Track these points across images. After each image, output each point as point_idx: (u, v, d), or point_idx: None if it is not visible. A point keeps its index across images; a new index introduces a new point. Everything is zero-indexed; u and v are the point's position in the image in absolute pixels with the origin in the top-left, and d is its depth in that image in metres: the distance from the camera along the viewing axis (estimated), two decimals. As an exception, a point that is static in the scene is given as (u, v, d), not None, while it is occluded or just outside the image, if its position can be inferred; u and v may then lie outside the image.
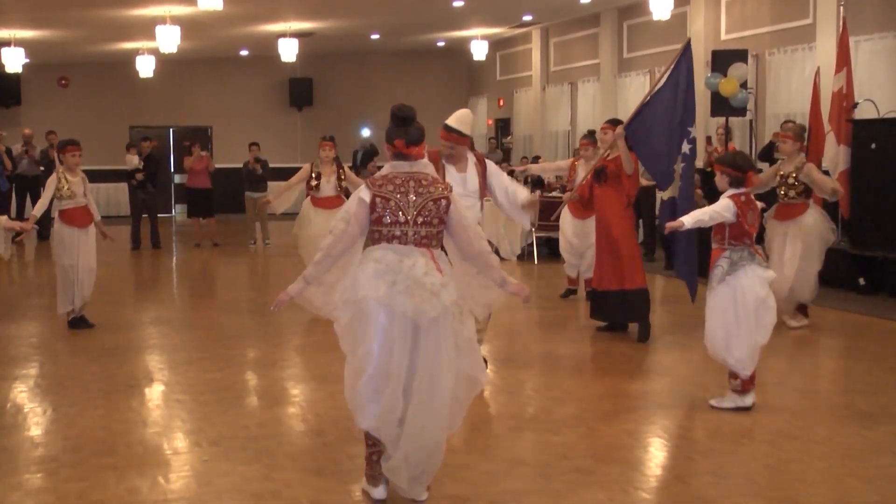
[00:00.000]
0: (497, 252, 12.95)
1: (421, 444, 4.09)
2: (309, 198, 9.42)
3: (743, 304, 5.66)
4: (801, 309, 8.46)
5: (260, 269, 13.97)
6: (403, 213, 4.10)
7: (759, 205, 6.00)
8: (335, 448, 5.08)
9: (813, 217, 8.29)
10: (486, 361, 5.03)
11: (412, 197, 4.13)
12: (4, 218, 6.51)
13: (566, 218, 9.68)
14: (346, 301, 4.20)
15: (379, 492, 4.31)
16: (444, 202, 4.17)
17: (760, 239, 7.11)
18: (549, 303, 9.76)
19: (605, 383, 6.61)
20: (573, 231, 9.65)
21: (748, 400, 5.73)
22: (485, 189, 6.21)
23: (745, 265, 5.68)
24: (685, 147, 7.70)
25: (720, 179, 5.84)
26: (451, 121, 5.82)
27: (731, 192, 5.74)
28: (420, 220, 4.12)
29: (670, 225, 5.98)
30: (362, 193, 4.17)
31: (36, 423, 5.62)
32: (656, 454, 5.11)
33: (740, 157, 5.89)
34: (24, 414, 5.81)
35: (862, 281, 10.00)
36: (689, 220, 5.82)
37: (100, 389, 6.34)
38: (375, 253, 4.15)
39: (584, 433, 5.46)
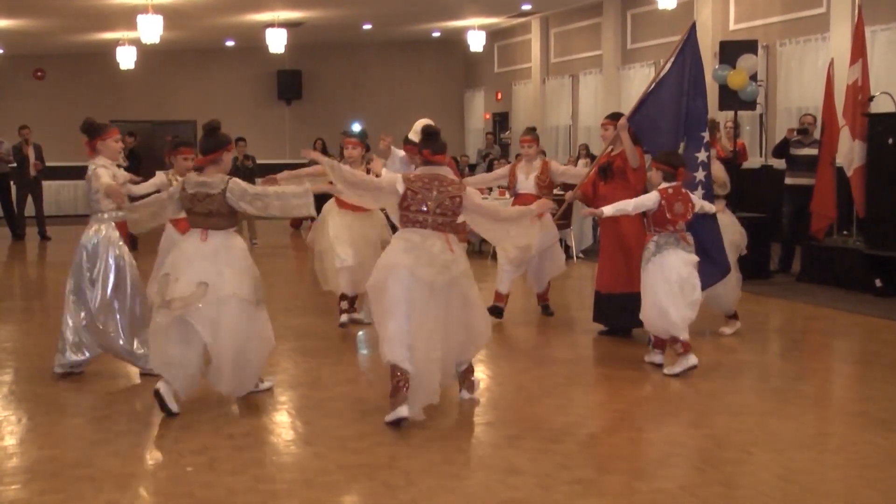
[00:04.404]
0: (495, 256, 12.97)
1: (433, 375, 5.52)
2: (333, 198, 8.39)
3: (667, 281, 6.73)
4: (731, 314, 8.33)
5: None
6: (426, 205, 5.60)
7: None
8: (325, 458, 5.08)
9: (722, 221, 8.16)
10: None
11: (434, 193, 5.61)
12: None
13: None
14: (380, 267, 5.64)
15: (402, 410, 5.43)
16: (457, 199, 5.66)
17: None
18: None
19: (608, 389, 6.62)
20: None
21: (692, 359, 6.68)
22: None
23: (670, 248, 6.78)
24: (702, 155, 7.67)
25: (655, 175, 6.96)
26: (414, 135, 6.73)
27: (663, 185, 6.86)
28: (438, 210, 5.61)
29: (589, 211, 7.23)
30: (398, 184, 5.64)
31: (10, 432, 5.61)
32: (661, 464, 5.11)
33: (673, 156, 7.03)
34: (-2, 422, 5.80)
35: (878, 282, 10.01)
36: (609, 209, 6.94)
37: (77, 397, 6.33)
38: (404, 234, 5.66)
39: (585, 441, 5.46)
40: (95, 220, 6.72)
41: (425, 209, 5.59)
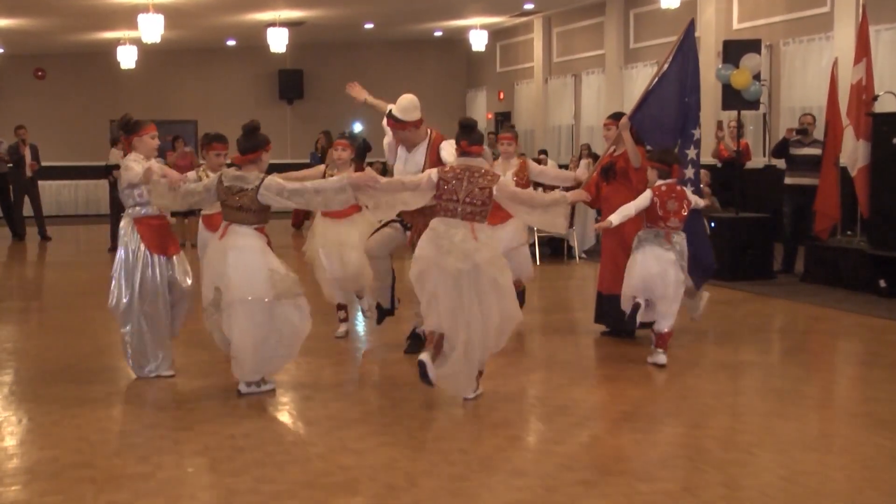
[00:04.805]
0: None
1: (471, 358, 5.91)
2: None
3: (641, 277, 6.98)
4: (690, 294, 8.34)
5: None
6: (456, 195, 5.91)
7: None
8: (327, 459, 5.08)
9: None
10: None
11: (465, 184, 5.91)
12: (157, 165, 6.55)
13: None
14: (415, 259, 6.04)
15: (424, 355, 5.84)
16: (487, 190, 5.91)
17: None
18: (550, 307, 9.76)
19: (610, 391, 6.61)
20: None
21: (637, 301, 6.99)
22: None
23: (647, 245, 7.01)
24: (692, 152, 7.76)
25: (651, 174, 7.13)
26: (395, 109, 6.91)
27: (658, 183, 7.03)
28: (467, 200, 5.90)
29: (599, 225, 7.31)
30: (433, 175, 6.00)
31: (10, 433, 5.62)
32: (664, 465, 5.10)
33: (667, 154, 7.19)
34: (-2, 423, 5.81)
35: (882, 283, 10.00)
36: (616, 217, 7.07)
37: (77, 398, 6.33)
38: (433, 223, 5.98)
39: (588, 443, 5.46)
40: (125, 215, 6.79)
41: (455, 199, 5.91)
